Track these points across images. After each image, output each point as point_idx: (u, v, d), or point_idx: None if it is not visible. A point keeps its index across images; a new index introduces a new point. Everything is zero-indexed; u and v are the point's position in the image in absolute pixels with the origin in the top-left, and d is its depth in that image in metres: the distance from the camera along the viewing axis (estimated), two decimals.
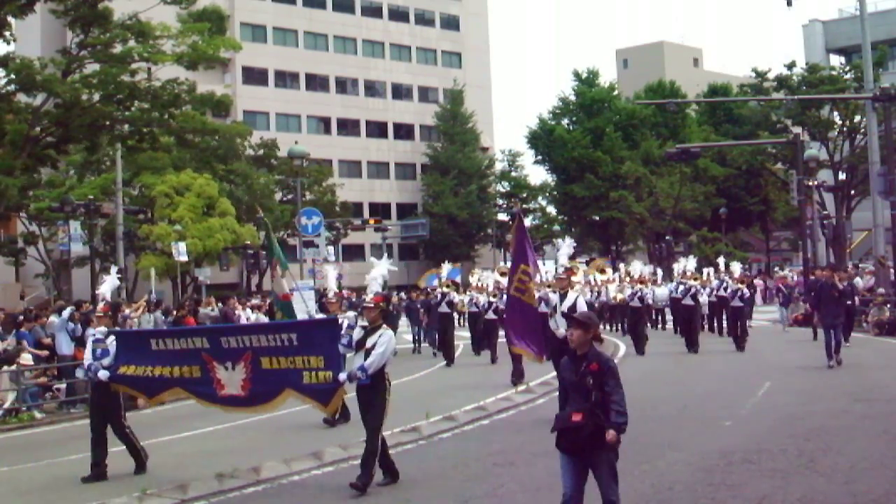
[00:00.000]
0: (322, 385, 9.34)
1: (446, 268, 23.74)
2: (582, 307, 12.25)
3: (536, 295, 13.32)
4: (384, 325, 9.26)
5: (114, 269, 12.26)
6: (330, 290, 14.72)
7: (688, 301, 22.96)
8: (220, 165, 46.94)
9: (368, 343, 9.14)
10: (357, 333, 9.28)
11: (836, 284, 17.43)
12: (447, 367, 21.51)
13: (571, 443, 6.35)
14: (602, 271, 33.35)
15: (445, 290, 23.30)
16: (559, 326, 12.14)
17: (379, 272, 10.07)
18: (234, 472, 9.85)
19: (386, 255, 13.78)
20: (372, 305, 9.40)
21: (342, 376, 9.23)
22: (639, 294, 23.39)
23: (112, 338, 10.42)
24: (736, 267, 26.34)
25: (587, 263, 51.23)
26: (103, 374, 10.18)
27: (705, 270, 27.40)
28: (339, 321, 9.91)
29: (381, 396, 9.12)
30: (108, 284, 11.51)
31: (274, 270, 10.48)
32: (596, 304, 32.11)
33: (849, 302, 20.78)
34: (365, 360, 9.03)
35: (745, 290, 22.89)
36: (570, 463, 6.41)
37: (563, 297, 12.63)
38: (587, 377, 6.44)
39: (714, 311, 26.38)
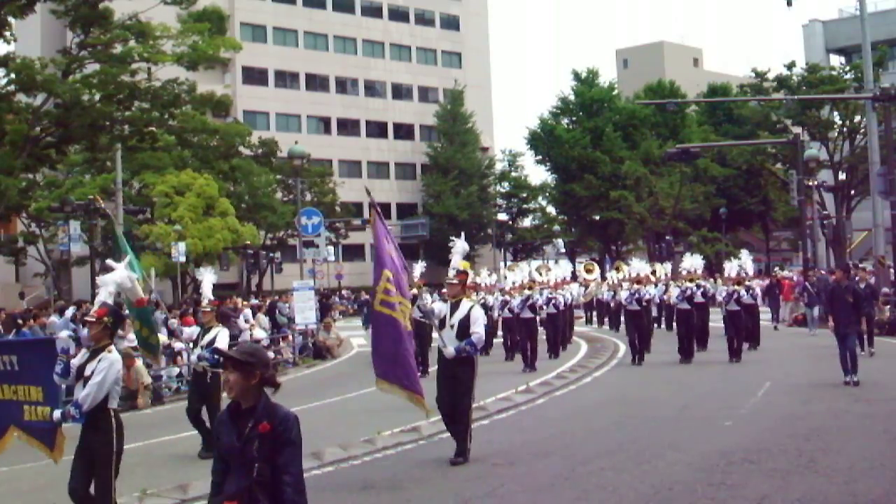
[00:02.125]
0: (43, 423, 7.55)
1: (419, 267, 21.65)
2: (477, 321, 10.02)
3: (415, 308, 10.76)
4: (110, 348, 7.26)
5: None
6: (204, 297, 12.08)
7: (683, 305, 20.29)
8: (222, 164, 46.91)
9: (87, 370, 7.11)
10: (79, 358, 7.32)
11: (857, 289, 15.58)
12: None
13: None
14: (618, 269, 32.56)
15: (415, 292, 21.28)
16: (447, 344, 9.98)
17: (112, 279, 8.21)
18: None
19: (128, 260, 10.68)
20: (94, 320, 7.31)
21: (56, 414, 7.38)
22: (637, 295, 20.21)
23: None
24: (737, 264, 22.44)
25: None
26: None
27: (726, 266, 23.90)
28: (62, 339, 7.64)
29: (104, 439, 7.05)
30: None
31: None
32: (612, 304, 30.64)
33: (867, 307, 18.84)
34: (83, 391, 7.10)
35: (743, 293, 20.08)
36: None
37: (454, 307, 10.22)
38: (253, 442, 4.45)
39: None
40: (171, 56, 29.60)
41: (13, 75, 27.63)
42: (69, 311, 17.88)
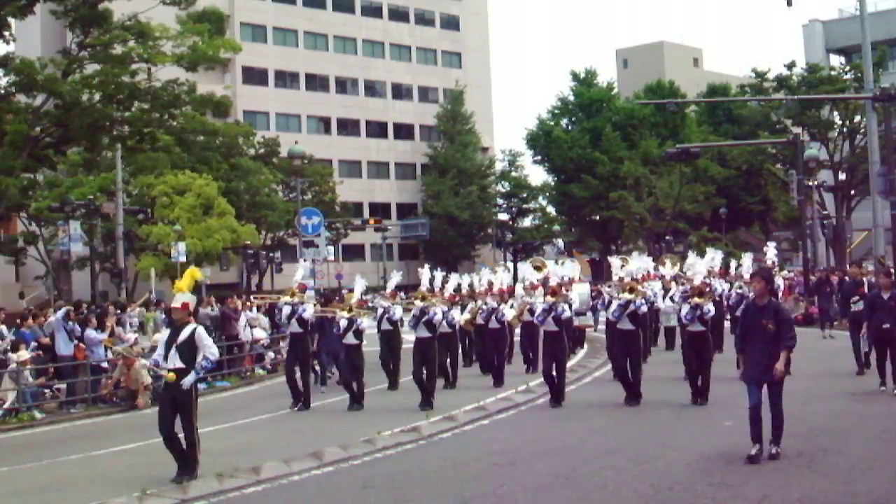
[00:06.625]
0: None
1: (302, 269, 17.67)
2: None
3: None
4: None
5: None
6: None
7: (626, 325, 14.38)
8: (223, 163, 46.87)
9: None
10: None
11: (782, 311, 9.97)
12: (295, 409, 15.20)
13: None
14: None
15: (291, 300, 15.86)
16: None
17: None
18: (234, 472, 9.85)
19: None
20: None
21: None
22: (554, 312, 14.48)
23: None
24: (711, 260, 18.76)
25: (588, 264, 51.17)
26: None
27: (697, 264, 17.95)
28: None
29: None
30: None
31: None
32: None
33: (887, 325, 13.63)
34: None
35: (708, 308, 13.88)
36: None
37: None
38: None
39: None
40: (171, 57, 29.56)
41: (13, 75, 27.61)
42: (61, 311, 17.76)
